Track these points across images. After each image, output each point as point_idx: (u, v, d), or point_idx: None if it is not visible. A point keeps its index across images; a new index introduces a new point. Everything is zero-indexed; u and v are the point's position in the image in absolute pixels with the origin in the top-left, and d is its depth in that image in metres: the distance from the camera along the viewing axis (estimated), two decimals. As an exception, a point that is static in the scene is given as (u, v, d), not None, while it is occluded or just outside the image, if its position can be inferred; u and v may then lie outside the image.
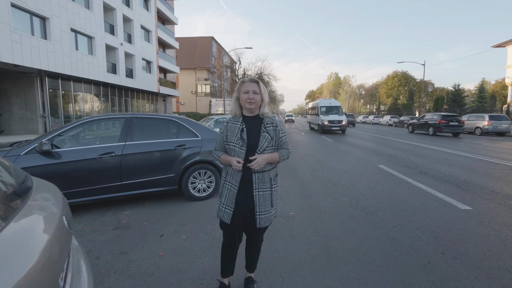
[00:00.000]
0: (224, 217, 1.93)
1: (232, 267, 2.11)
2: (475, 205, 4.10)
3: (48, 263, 0.93)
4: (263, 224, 1.91)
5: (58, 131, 3.65)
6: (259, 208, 1.89)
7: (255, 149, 1.86)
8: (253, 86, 1.87)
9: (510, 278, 2.30)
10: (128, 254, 2.75)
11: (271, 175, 1.94)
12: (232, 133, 1.90)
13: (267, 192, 1.92)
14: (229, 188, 1.93)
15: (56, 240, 1.06)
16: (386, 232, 3.22)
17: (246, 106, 1.88)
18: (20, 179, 1.29)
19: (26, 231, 0.97)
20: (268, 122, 1.94)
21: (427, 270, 2.42)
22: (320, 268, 2.48)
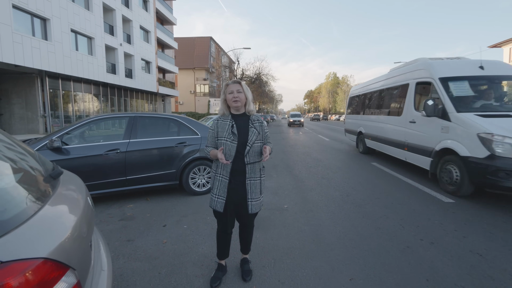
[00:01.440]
0: (217, 206, 2.13)
1: (227, 250, 2.34)
2: (458, 198, 4.37)
3: (84, 225, 1.18)
4: (254, 210, 2.14)
5: (67, 129, 3.90)
6: (251, 195, 2.12)
7: (245, 142, 2.07)
8: (236, 86, 2.09)
9: (478, 260, 2.56)
10: (134, 241, 3.00)
11: (260, 166, 2.19)
12: (223, 129, 2.10)
13: (257, 181, 2.15)
14: (220, 179, 2.12)
15: (85, 212, 1.31)
16: (372, 222, 3.48)
17: (232, 104, 2.09)
18: (47, 165, 1.54)
19: (66, 204, 1.22)
20: (255, 119, 2.17)
21: (405, 253, 2.69)
22: (309, 252, 2.74)
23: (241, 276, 2.31)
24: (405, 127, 6.04)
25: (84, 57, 17.91)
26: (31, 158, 1.41)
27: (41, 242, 0.91)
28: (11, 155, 1.27)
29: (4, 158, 1.21)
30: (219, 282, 2.22)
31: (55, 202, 1.18)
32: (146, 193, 4.68)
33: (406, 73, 6.35)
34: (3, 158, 1.19)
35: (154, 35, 27.69)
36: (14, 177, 1.14)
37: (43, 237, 0.94)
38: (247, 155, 2.07)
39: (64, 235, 1.01)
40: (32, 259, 0.83)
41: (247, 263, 2.39)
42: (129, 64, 23.78)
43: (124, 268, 2.47)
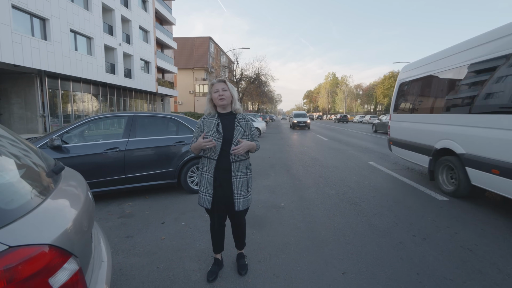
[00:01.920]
0: (204, 204, 2.18)
1: (221, 244, 2.41)
2: (452, 196, 4.44)
3: (85, 218, 1.25)
4: (241, 207, 2.17)
5: (67, 128, 3.96)
6: (237, 193, 2.15)
7: (230, 141, 2.11)
8: (221, 85, 2.13)
9: (468, 255, 2.63)
10: (133, 237, 3.06)
11: (247, 164, 2.22)
12: (209, 127, 2.13)
13: (244, 179, 2.18)
14: (206, 177, 2.16)
15: (86, 205, 1.38)
16: (367, 219, 3.55)
17: (218, 103, 2.13)
18: (50, 161, 1.60)
19: (68, 197, 1.29)
20: (241, 118, 2.21)
21: (398, 249, 2.76)
22: (304, 248, 2.81)
23: (237, 270, 2.37)
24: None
25: (83, 57, 17.94)
26: (34, 154, 1.47)
27: (45, 230, 0.97)
28: (15, 151, 1.33)
29: (9, 154, 1.27)
30: (215, 276, 2.28)
31: (57, 195, 1.25)
32: (145, 191, 4.74)
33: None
34: (7, 154, 1.26)
35: (153, 35, 27.73)
36: (18, 172, 1.20)
37: (47, 226, 1.00)
38: (232, 154, 2.10)
39: (67, 225, 1.08)
40: (37, 245, 0.89)
41: (242, 258, 2.45)
42: (128, 64, 23.82)
43: (123, 263, 2.53)
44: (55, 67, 15.73)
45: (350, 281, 2.23)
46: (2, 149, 1.24)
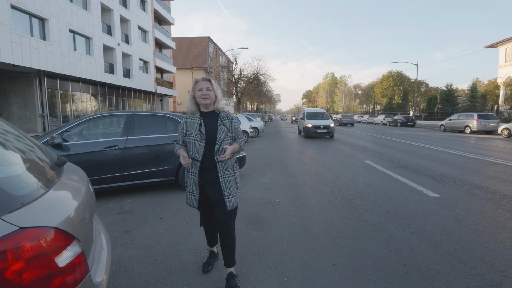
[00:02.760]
0: (192, 203, 2.17)
1: (215, 237, 2.44)
2: (443, 193, 4.55)
3: (86, 208, 1.35)
4: (232, 205, 2.11)
5: (67, 127, 4.05)
6: (227, 192, 2.09)
7: (213, 141, 2.06)
8: (206, 84, 2.07)
9: (454, 247, 2.74)
10: (132, 232, 3.15)
11: (232, 162, 2.17)
12: (192, 128, 2.08)
13: (232, 177, 2.13)
14: (192, 177, 2.14)
15: (87, 196, 1.47)
16: (359, 214, 3.66)
17: (201, 102, 2.06)
18: (52, 156, 1.70)
19: (71, 187, 1.39)
20: (224, 116, 2.14)
21: (387, 242, 2.86)
22: (297, 241, 2.91)
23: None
24: None
25: (82, 57, 18.00)
26: (38, 149, 1.57)
27: (51, 215, 1.07)
28: (21, 146, 1.42)
29: (15, 148, 1.36)
30: (211, 267, 2.37)
31: (60, 186, 1.34)
32: (143, 188, 4.83)
33: None
34: (14, 148, 1.35)
35: (152, 35, 27.79)
36: (25, 164, 1.30)
37: (52, 212, 1.10)
38: (216, 153, 2.06)
39: (70, 212, 1.18)
40: (44, 227, 0.99)
41: (233, 279, 2.11)
42: (127, 64, 23.88)
43: (122, 255, 2.63)
44: (54, 67, 15.79)
45: (339, 272, 2.34)
46: (9, 144, 1.33)
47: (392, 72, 65.38)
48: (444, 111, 34.02)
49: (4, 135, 1.34)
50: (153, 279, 2.26)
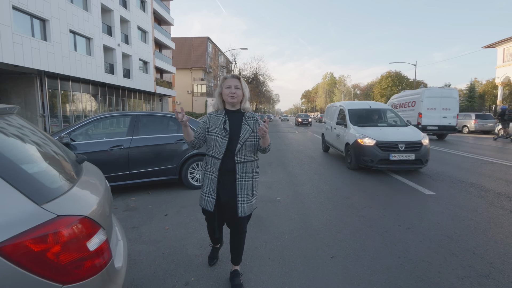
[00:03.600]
0: (207, 206, 2.02)
1: (220, 239, 2.41)
2: (439, 191, 4.70)
3: (106, 201, 1.48)
4: (244, 213, 1.99)
5: (75, 126, 4.18)
6: (241, 197, 1.98)
7: (236, 140, 1.97)
8: (235, 81, 1.98)
9: (447, 241, 2.88)
10: (139, 228, 3.28)
11: (253, 166, 2.06)
12: (215, 124, 2.00)
13: (249, 182, 2.01)
14: (210, 178, 2.02)
15: (106, 190, 1.60)
16: (357, 211, 3.79)
17: (228, 100, 1.98)
18: (71, 154, 1.82)
19: (93, 181, 1.52)
20: (249, 116, 2.07)
21: (383, 237, 3.00)
22: (297, 236, 3.04)
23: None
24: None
25: (83, 58, 18.09)
26: (60, 147, 1.70)
27: (81, 205, 1.20)
28: (47, 144, 1.55)
29: (44, 146, 1.49)
30: (216, 260, 2.48)
31: (84, 180, 1.47)
32: (147, 187, 4.96)
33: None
34: (43, 146, 1.48)
35: (151, 36, 27.89)
36: (54, 161, 1.43)
37: (81, 203, 1.23)
38: (237, 154, 1.97)
39: (95, 204, 1.31)
40: (77, 216, 1.12)
41: (237, 276, 2.15)
42: (127, 64, 23.97)
43: (131, 249, 2.75)
44: (55, 67, 15.88)
45: (338, 263, 2.47)
46: (39, 142, 1.46)
47: (390, 72, 65.60)
48: (442, 111, 34.17)
49: (34, 135, 1.47)
50: (162, 271, 2.39)
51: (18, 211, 1.00)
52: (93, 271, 1.14)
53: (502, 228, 3.19)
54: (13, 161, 1.10)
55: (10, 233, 0.95)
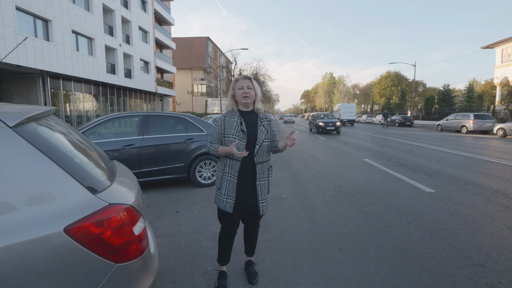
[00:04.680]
0: (226, 207, 2.01)
1: (229, 254, 2.24)
2: (438, 189, 4.87)
3: (139, 192, 1.64)
4: (265, 210, 2.08)
5: (88, 126, 4.33)
6: (261, 196, 2.04)
7: (254, 141, 1.99)
8: (247, 82, 2.01)
9: (446, 234, 3.05)
10: (152, 223, 3.44)
11: (268, 166, 2.13)
12: (231, 126, 1.99)
13: (266, 181, 2.09)
14: (229, 179, 2.01)
15: (137, 182, 1.77)
16: (360, 207, 3.96)
17: (242, 101, 2.00)
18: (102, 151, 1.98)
19: (129, 176, 1.68)
20: (263, 117, 2.11)
21: (386, 230, 3.17)
22: (304, 230, 3.21)
23: (247, 279, 2.24)
24: None
25: (85, 58, 18.21)
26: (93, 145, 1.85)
27: (125, 196, 1.36)
28: (87, 143, 1.71)
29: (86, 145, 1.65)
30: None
31: (121, 175, 1.63)
32: (156, 185, 5.11)
33: None
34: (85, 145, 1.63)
35: (152, 36, 28.01)
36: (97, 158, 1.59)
37: (125, 194, 1.39)
38: (256, 155, 2.00)
39: (134, 195, 1.47)
40: (125, 204, 1.28)
41: (252, 266, 2.32)
42: (128, 65, 24.09)
43: (148, 243, 2.91)
44: (57, 67, 16.00)
45: (345, 255, 2.64)
46: (79, 139, 1.62)
47: (390, 72, 65.91)
48: (441, 111, 34.45)
49: (73, 133, 1.63)
50: (180, 261, 2.55)
51: (79, 199, 1.16)
52: (137, 253, 1.30)
53: (498, 223, 3.36)
54: (70, 156, 1.26)
55: (74, 217, 1.11)
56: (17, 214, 1.02)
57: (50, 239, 1.05)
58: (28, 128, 1.17)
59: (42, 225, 1.04)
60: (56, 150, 1.21)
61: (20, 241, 0.99)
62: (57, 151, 1.21)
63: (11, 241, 0.98)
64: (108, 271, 1.16)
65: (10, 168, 1.06)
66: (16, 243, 0.99)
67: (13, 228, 1.00)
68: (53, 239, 1.05)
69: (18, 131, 1.11)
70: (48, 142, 1.21)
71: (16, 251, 0.99)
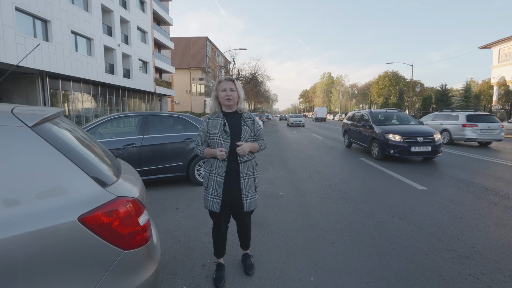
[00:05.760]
0: (213, 207, 2.10)
1: (224, 247, 2.34)
2: (431, 186, 5.01)
3: (143, 188, 1.76)
4: (249, 208, 2.15)
5: (90, 126, 4.44)
6: (245, 193, 2.12)
7: (238, 140, 2.07)
8: (229, 84, 2.06)
9: (435, 229, 3.19)
10: (153, 220, 3.54)
11: (253, 164, 2.22)
12: (215, 128, 2.06)
13: (251, 179, 2.16)
14: (216, 179, 2.08)
15: (140, 179, 1.89)
16: (354, 204, 4.09)
17: (225, 102, 2.06)
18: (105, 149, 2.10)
19: (133, 173, 1.80)
20: (247, 117, 2.17)
21: (378, 226, 3.30)
22: (299, 226, 3.34)
23: (244, 271, 2.36)
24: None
25: (84, 58, 18.28)
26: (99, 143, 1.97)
27: (131, 190, 1.48)
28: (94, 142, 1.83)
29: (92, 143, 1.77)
30: (223, 281, 2.23)
31: (126, 172, 1.76)
32: (156, 183, 5.23)
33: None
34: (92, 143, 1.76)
35: (151, 36, 28.08)
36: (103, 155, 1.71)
37: (131, 188, 1.51)
38: (240, 154, 2.06)
39: (139, 190, 1.59)
40: (130, 197, 1.40)
41: (248, 258, 2.45)
42: (127, 65, 24.15)
43: (149, 238, 3.03)
44: (57, 67, 16.06)
45: (337, 248, 2.77)
46: (87, 138, 1.74)
47: (388, 72, 66.19)
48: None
49: (81, 132, 1.75)
50: (180, 255, 2.68)
51: (90, 192, 1.28)
52: (142, 242, 1.42)
53: (486, 218, 3.50)
54: (81, 153, 1.38)
55: (87, 208, 1.23)
56: (38, 204, 1.14)
57: (66, 226, 1.17)
58: (44, 128, 1.29)
59: (59, 214, 1.16)
60: (69, 147, 1.33)
61: (42, 227, 1.11)
62: (70, 148, 1.33)
63: (35, 227, 1.10)
64: (117, 257, 1.28)
65: (30, 163, 1.18)
66: (39, 229, 1.11)
67: (36, 216, 1.12)
68: (69, 227, 1.18)
69: (36, 131, 1.23)
70: (62, 140, 1.33)
71: (39, 236, 1.11)
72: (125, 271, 1.33)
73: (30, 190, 1.16)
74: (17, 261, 1.08)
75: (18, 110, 1.31)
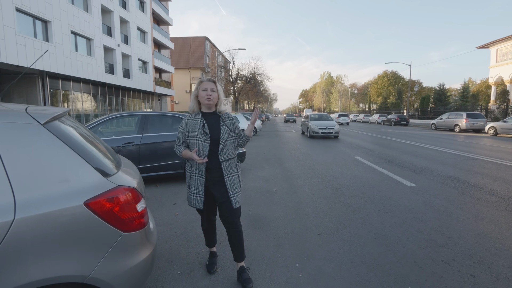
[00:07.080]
0: (196, 204, 2.16)
1: (214, 238, 2.47)
2: (419, 183, 5.21)
3: (141, 180, 1.95)
4: (238, 203, 2.17)
5: (91, 125, 4.63)
6: (232, 190, 2.14)
7: (217, 141, 2.09)
8: (211, 84, 2.11)
9: (417, 222, 3.38)
10: (151, 213, 3.75)
11: (235, 161, 2.24)
12: (194, 128, 2.09)
13: (235, 176, 2.19)
14: (197, 178, 2.13)
15: (139, 175, 2.08)
16: (344, 200, 4.29)
17: (205, 102, 2.09)
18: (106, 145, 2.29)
19: (132, 167, 1.99)
20: (226, 117, 2.20)
21: (364, 219, 3.50)
22: (290, 219, 3.53)
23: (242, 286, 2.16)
24: None
25: (84, 58, 18.45)
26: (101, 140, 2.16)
27: (130, 180, 1.67)
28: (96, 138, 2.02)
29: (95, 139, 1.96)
30: (215, 267, 2.41)
31: (125, 165, 1.95)
32: (155, 181, 5.42)
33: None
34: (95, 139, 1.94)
35: (150, 36, 28.25)
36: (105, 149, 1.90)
37: (130, 179, 1.70)
38: (221, 153, 2.10)
39: (137, 181, 1.78)
40: (129, 186, 1.59)
41: (245, 272, 2.24)
42: (127, 64, 24.33)
43: (147, 230, 3.22)
44: (57, 67, 16.24)
45: (323, 239, 2.96)
46: (90, 134, 1.93)
47: (387, 72, 66.38)
48: (437, 110, 34.89)
49: (84, 130, 1.94)
50: (176, 245, 2.87)
51: (94, 181, 1.47)
52: (140, 226, 1.61)
53: (466, 212, 3.70)
54: (86, 148, 1.57)
55: (91, 194, 1.42)
56: (50, 190, 1.33)
57: (73, 210, 1.36)
58: (54, 125, 1.48)
59: (68, 199, 1.35)
60: (75, 142, 1.52)
61: (53, 209, 1.31)
62: (75, 143, 1.52)
63: (47, 210, 1.29)
64: (117, 238, 1.48)
65: (43, 155, 1.37)
66: (51, 211, 1.30)
67: (47, 200, 1.31)
68: (76, 211, 1.37)
69: (47, 127, 1.42)
70: (69, 135, 1.52)
71: (52, 217, 1.30)
72: (125, 251, 1.52)
73: (42, 178, 1.35)
74: (35, 236, 1.27)
75: (31, 109, 1.50)
